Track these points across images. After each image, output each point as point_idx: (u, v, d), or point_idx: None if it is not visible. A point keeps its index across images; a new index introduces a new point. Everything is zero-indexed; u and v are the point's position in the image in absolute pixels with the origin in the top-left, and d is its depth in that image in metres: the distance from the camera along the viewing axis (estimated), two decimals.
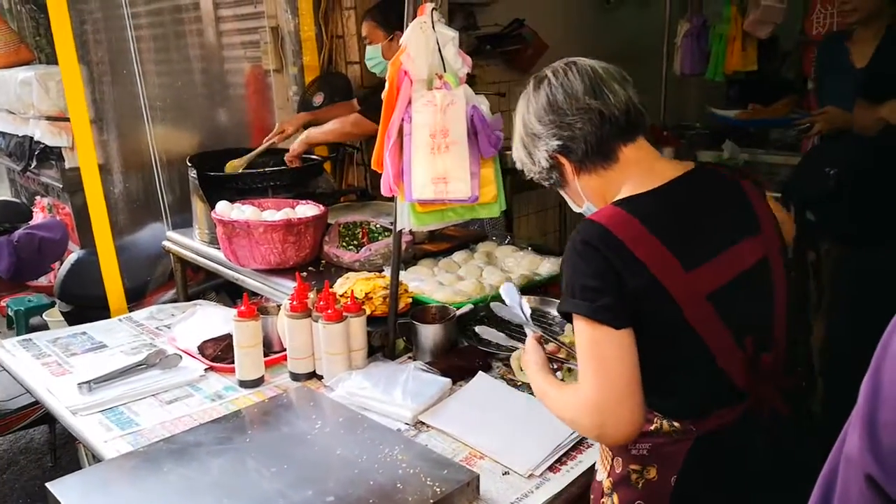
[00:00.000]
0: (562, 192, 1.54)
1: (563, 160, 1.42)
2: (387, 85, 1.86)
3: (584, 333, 1.27)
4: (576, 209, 1.53)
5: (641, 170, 1.39)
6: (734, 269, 1.33)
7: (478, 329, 2.01)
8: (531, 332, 1.62)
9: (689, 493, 1.34)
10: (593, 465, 1.59)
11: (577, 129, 1.38)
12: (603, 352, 1.25)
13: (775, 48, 4.77)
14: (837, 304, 2.94)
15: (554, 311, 2.28)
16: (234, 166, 3.02)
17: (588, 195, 1.45)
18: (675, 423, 1.32)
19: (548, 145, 1.41)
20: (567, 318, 1.34)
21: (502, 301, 1.78)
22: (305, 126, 3.21)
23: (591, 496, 1.49)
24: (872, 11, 2.74)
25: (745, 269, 1.35)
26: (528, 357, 1.54)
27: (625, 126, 1.38)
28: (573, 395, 1.30)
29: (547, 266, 2.50)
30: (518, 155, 1.51)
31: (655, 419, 1.33)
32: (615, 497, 1.40)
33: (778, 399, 1.36)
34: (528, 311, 1.77)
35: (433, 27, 1.81)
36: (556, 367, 1.71)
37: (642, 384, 1.25)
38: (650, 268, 1.25)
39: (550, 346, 1.71)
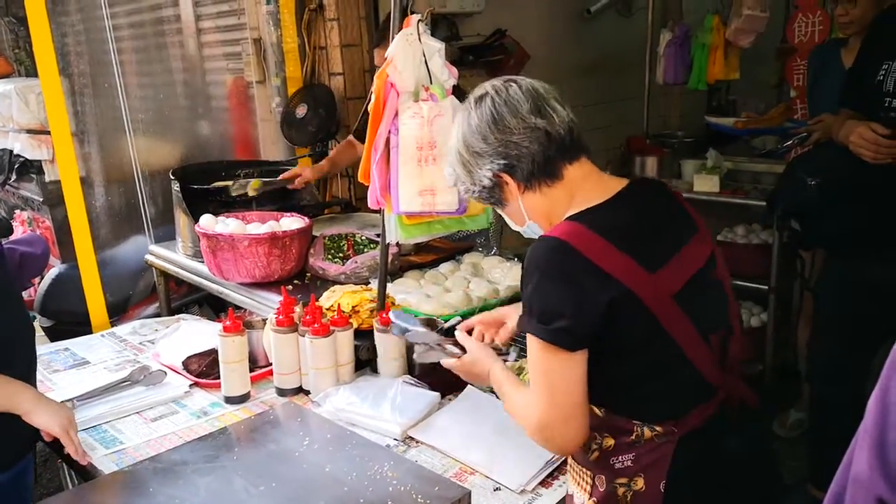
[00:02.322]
0: (500, 212, 1.54)
1: (508, 179, 1.41)
2: (373, 97, 1.85)
3: (536, 353, 1.31)
4: (515, 228, 1.53)
5: (588, 186, 1.41)
6: (691, 269, 1.37)
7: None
8: (450, 343, 1.65)
9: (680, 495, 1.34)
10: None
11: (524, 149, 1.38)
12: (553, 376, 1.29)
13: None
14: (823, 311, 2.95)
15: None
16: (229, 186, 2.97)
17: (531, 214, 1.46)
18: (657, 428, 1.32)
19: (492, 164, 1.40)
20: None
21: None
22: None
23: None
24: (869, 22, 2.75)
25: (700, 267, 1.39)
26: (477, 355, 1.57)
27: (569, 146, 1.40)
28: (524, 403, 1.37)
29: None
30: (454, 172, 1.49)
31: (636, 428, 1.33)
32: None
33: (745, 389, 1.41)
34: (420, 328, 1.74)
35: (419, 39, 1.80)
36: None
37: (622, 395, 1.33)
38: (618, 278, 1.27)
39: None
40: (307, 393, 1.99)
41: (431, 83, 1.84)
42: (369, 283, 2.37)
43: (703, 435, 1.34)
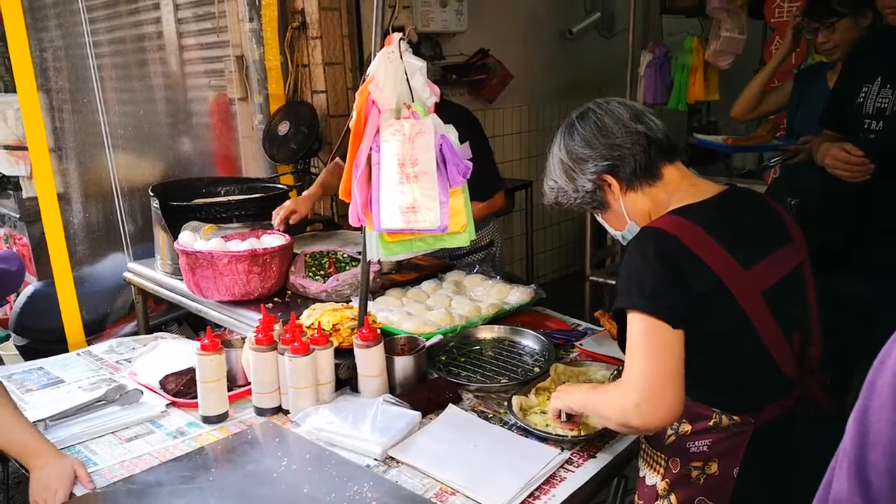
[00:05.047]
0: (600, 218, 1.66)
1: (611, 180, 1.53)
2: (354, 114, 1.84)
3: (639, 325, 1.36)
4: (614, 233, 1.64)
5: (685, 186, 1.53)
6: (780, 272, 1.46)
7: None
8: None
9: (752, 483, 1.42)
10: (568, 497, 1.58)
11: (627, 150, 1.51)
12: (655, 341, 1.34)
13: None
14: None
15: (524, 341, 2.27)
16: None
17: (632, 214, 1.57)
18: (735, 417, 1.41)
19: (596, 166, 1.53)
20: (621, 315, 1.42)
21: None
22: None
23: (640, 502, 1.55)
24: (851, 46, 2.77)
25: (788, 272, 1.48)
26: (565, 389, 1.68)
27: (667, 147, 1.54)
28: (615, 393, 1.41)
29: (516, 295, 2.49)
30: (553, 184, 1.62)
31: (714, 415, 1.42)
32: (673, 497, 1.47)
33: (819, 392, 1.46)
34: None
35: (401, 57, 1.80)
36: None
37: (705, 383, 1.39)
38: (714, 269, 1.36)
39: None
40: (286, 412, 1.96)
41: (413, 101, 1.84)
42: (350, 301, 2.35)
43: (778, 428, 1.42)
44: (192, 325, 3.40)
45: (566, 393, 1.66)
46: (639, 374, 1.35)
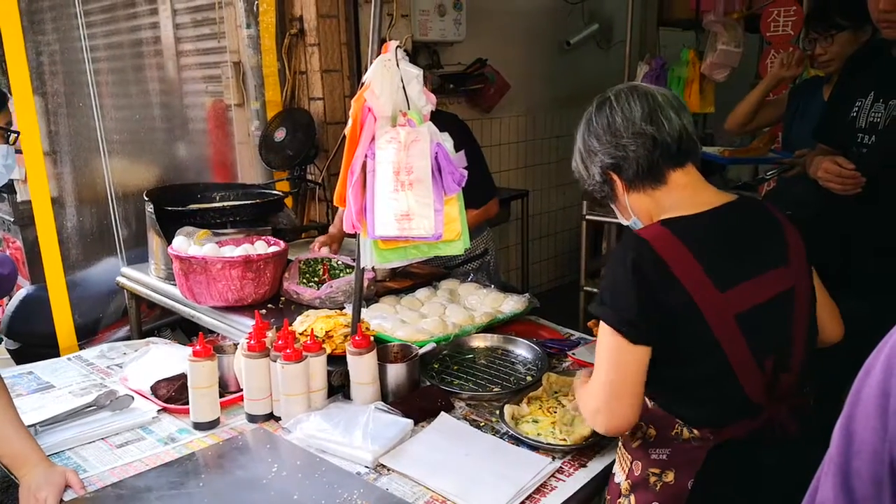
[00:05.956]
0: (612, 205, 1.67)
1: (615, 177, 1.54)
2: (350, 121, 1.84)
3: (606, 336, 1.40)
4: (623, 222, 1.66)
5: (688, 194, 1.50)
6: (761, 296, 1.43)
7: None
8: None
9: (707, 497, 1.42)
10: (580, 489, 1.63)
11: (631, 152, 1.49)
12: (617, 355, 1.38)
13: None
14: None
15: (517, 350, 2.26)
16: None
17: (635, 211, 1.57)
18: (695, 431, 1.42)
19: (602, 162, 1.54)
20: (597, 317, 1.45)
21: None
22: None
23: (608, 497, 1.59)
24: (847, 60, 2.78)
25: (771, 296, 1.44)
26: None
27: (675, 153, 1.49)
28: (587, 391, 1.49)
29: (510, 304, 2.49)
30: (575, 166, 1.65)
31: (677, 426, 1.43)
32: (633, 498, 1.49)
33: (788, 418, 1.45)
34: None
35: (398, 65, 1.80)
36: None
37: (670, 393, 1.42)
38: (686, 286, 1.35)
39: None
40: (278, 419, 1.96)
41: (409, 109, 1.84)
42: (344, 307, 2.35)
43: (740, 447, 1.42)
44: (185, 330, 3.39)
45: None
46: (599, 383, 1.41)
